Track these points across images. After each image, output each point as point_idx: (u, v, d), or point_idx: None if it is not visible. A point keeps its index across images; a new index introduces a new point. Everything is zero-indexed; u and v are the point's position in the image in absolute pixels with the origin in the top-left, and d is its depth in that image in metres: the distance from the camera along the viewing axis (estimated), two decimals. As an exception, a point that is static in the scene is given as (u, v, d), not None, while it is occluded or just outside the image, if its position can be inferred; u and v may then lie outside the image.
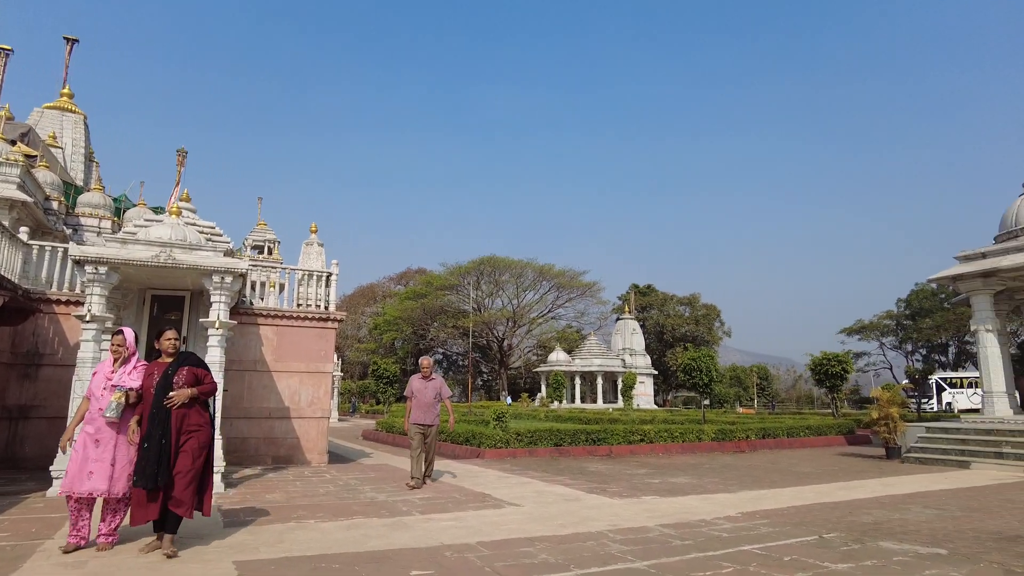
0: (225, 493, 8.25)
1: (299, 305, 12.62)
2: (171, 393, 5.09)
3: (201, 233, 10.54)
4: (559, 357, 46.19)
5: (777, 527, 6.38)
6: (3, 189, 13.48)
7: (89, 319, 8.54)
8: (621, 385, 39.11)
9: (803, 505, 7.81)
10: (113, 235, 9.64)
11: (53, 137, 20.22)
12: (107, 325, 8.70)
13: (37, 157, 17.73)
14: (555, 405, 38.49)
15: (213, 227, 11.63)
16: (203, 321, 9.37)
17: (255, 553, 5.07)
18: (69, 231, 17.11)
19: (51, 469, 8.00)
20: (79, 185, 20.23)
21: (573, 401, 43.88)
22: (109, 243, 9.27)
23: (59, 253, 11.01)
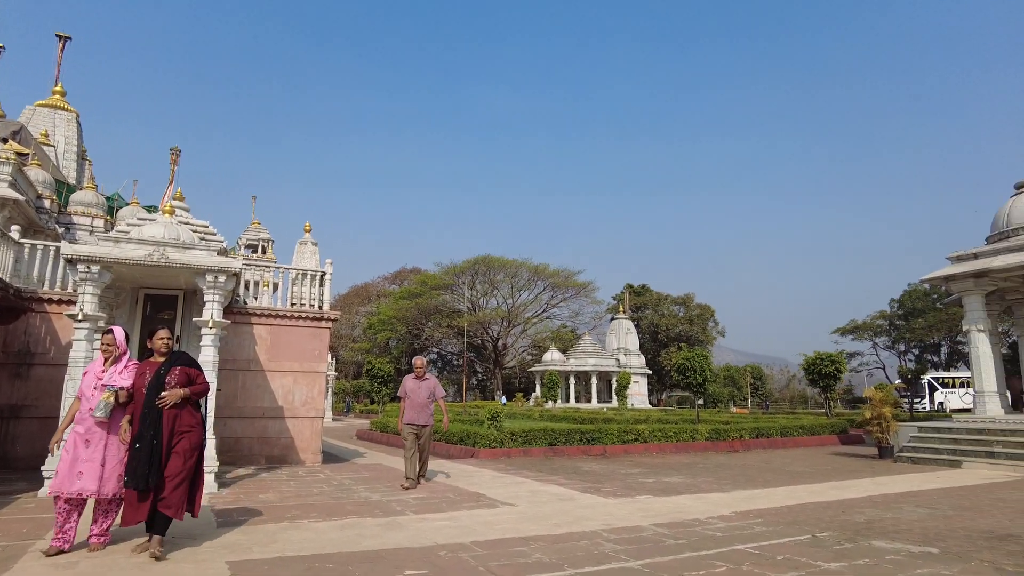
0: (218, 493, 8.23)
1: (293, 304, 12.58)
2: (163, 393, 5.05)
3: (195, 232, 10.50)
4: (554, 357, 46.21)
5: (770, 526, 6.41)
6: (-6, 187, 13.41)
7: (81, 318, 8.50)
8: (616, 385, 39.16)
9: (796, 504, 7.85)
10: (106, 234, 9.60)
11: (45, 135, 20.11)
12: (99, 324, 8.65)
13: (29, 155, 17.64)
14: (550, 405, 38.52)
15: (207, 226, 11.60)
16: (196, 320, 9.33)
17: (248, 553, 5.06)
18: (61, 230, 17.03)
19: (43, 469, 7.96)
20: (71, 183, 20.13)
21: (568, 401, 43.91)
22: (102, 242, 9.23)
23: (51, 252, 10.94)
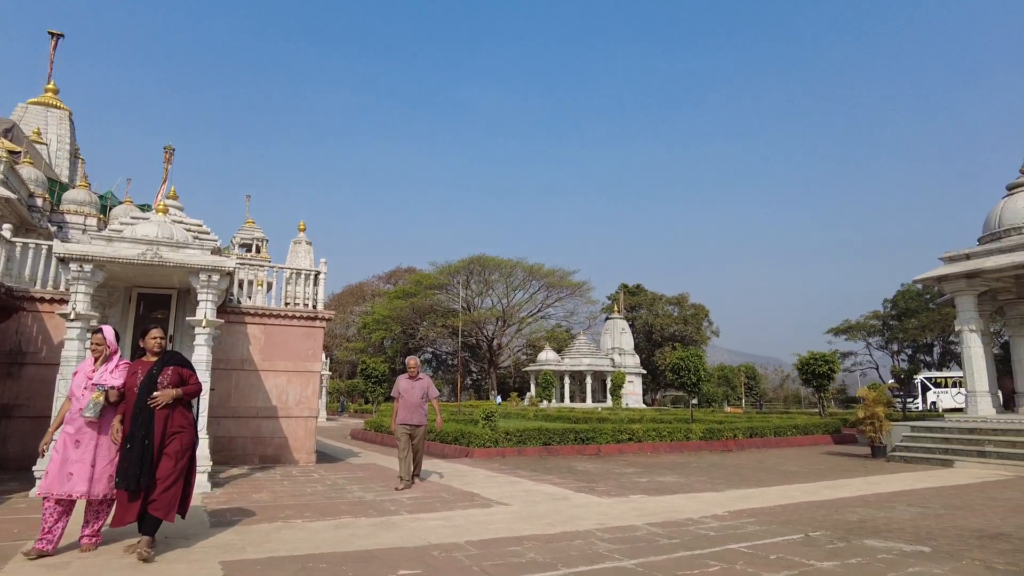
0: (212, 493, 8.20)
1: (287, 304, 12.55)
2: (155, 393, 5.01)
3: (188, 231, 10.47)
4: (548, 356, 46.23)
5: (764, 525, 6.43)
6: (-14, 185, 13.31)
7: (73, 317, 8.46)
8: (610, 384, 39.21)
9: (789, 504, 7.88)
10: (99, 233, 9.55)
11: (37, 133, 19.97)
12: (92, 323, 8.61)
13: (21, 153, 17.51)
14: (544, 404, 38.53)
15: (200, 225, 11.55)
16: (190, 320, 9.30)
17: (242, 553, 5.04)
18: (54, 228, 16.92)
19: (34, 470, 7.91)
20: (64, 182, 20.01)
21: (562, 400, 43.93)
22: (94, 241, 9.18)
23: (43, 250, 10.88)
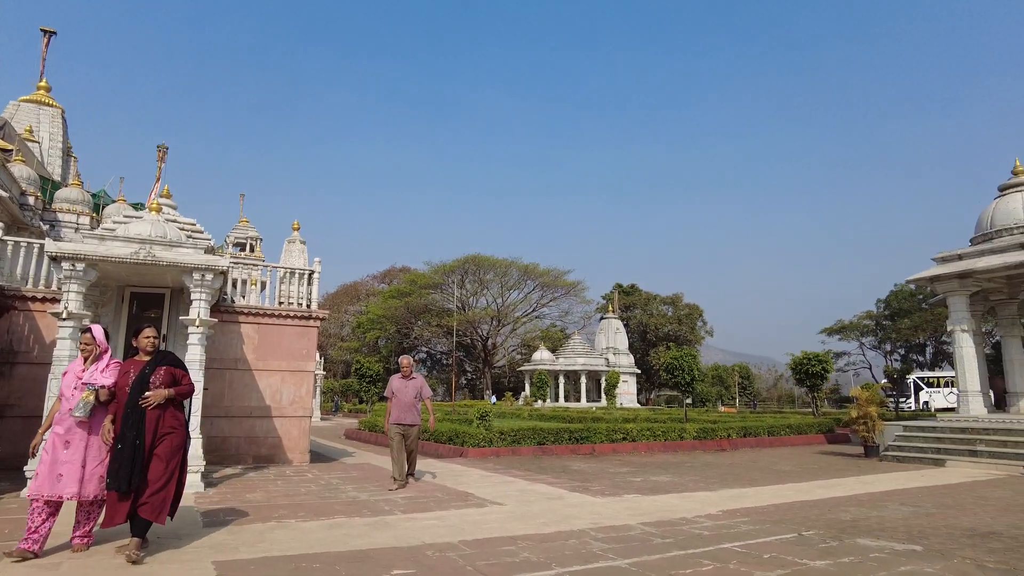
0: (205, 493, 8.17)
1: (281, 303, 12.51)
2: (147, 393, 4.96)
3: (182, 230, 10.42)
4: (543, 356, 46.25)
5: (757, 525, 6.45)
6: (-23, 184, 13.24)
7: (65, 316, 8.41)
8: (604, 384, 39.27)
9: (783, 503, 7.91)
10: (91, 231, 9.50)
11: (30, 131, 19.86)
12: (84, 323, 8.56)
13: (13, 151, 17.41)
14: (539, 404, 38.54)
15: (194, 224, 11.51)
16: (183, 319, 9.26)
17: (235, 553, 5.03)
18: (46, 227, 16.82)
19: (25, 470, 7.86)
20: (56, 180, 19.91)
21: (557, 400, 43.98)
22: (87, 239, 9.14)
23: (35, 249, 10.81)
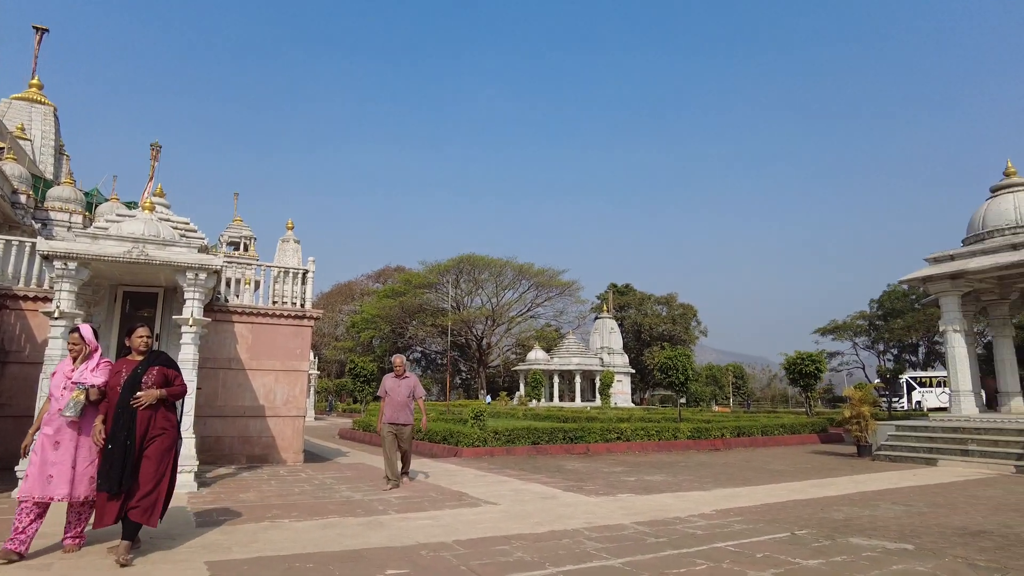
0: (198, 492, 8.14)
1: (275, 303, 12.48)
2: (138, 393, 4.90)
3: (175, 229, 10.37)
4: (538, 356, 46.26)
5: (750, 524, 6.47)
6: (-32, 182, 13.14)
7: (57, 316, 8.36)
8: (599, 384, 39.30)
9: (776, 503, 7.94)
10: (84, 230, 9.45)
11: (21, 129, 19.71)
12: (76, 322, 8.51)
13: (4, 149, 17.28)
14: (534, 403, 38.57)
15: (187, 223, 11.45)
16: (176, 318, 9.22)
17: (228, 553, 5.01)
18: (38, 225, 16.71)
19: (16, 470, 7.82)
20: (48, 178, 19.77)
21: (552, 399, 43.99)
22: (79, 238, 9.09)
23: (27, 248, 10.73)
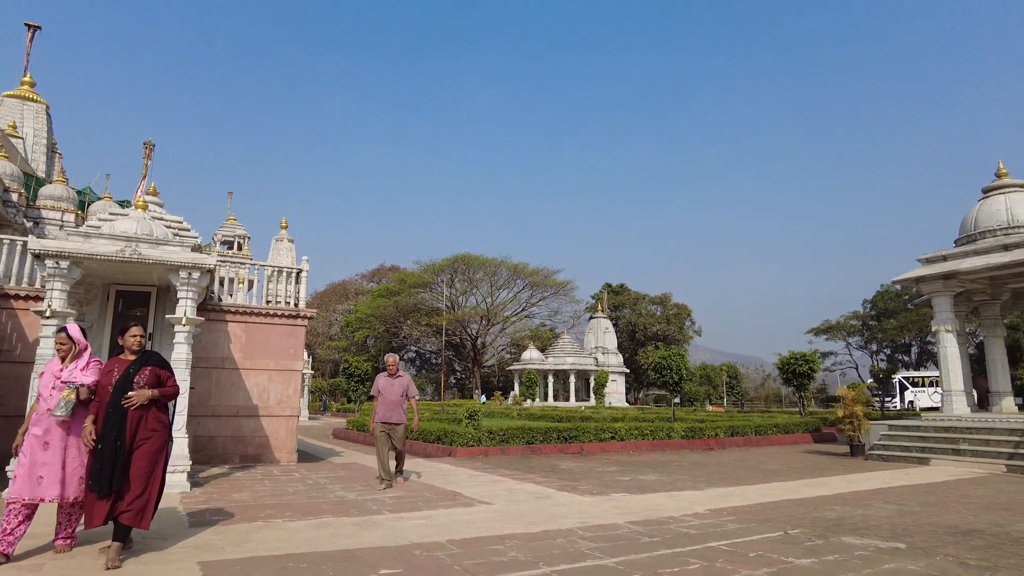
0: (191, 492, 8.11)
1: (268, 302, 12.44)
2: (130, 393, 4.84)
3: (168, 228, 10.33)
4: (532, 355, 46.30)
5: (744, 523, 6.49)
6: (-41, 180, 13.05)
7: (49, 315, 8.31)
8: (593, 383, 39.35)
9: (769, 502, 7.96)
10: (76, 229, 9.40)
11: (13, 127, 19.61)
12: (68, 321, 8.47)
13: (-4, 147, 17.18)
14: (528, 403, 38.57)
15: (180, 222, 11.40)
16: (170, 317, 9.18)
17: (221, 553, 4.99)
18: (30, 224, 16.63)
19: (7, 470, 7.76)
20: (41, 177, 19.67)
21: (546, 399, 44.04)
22: (71, 237, 9.04)
23: (18, 246, 10.68)
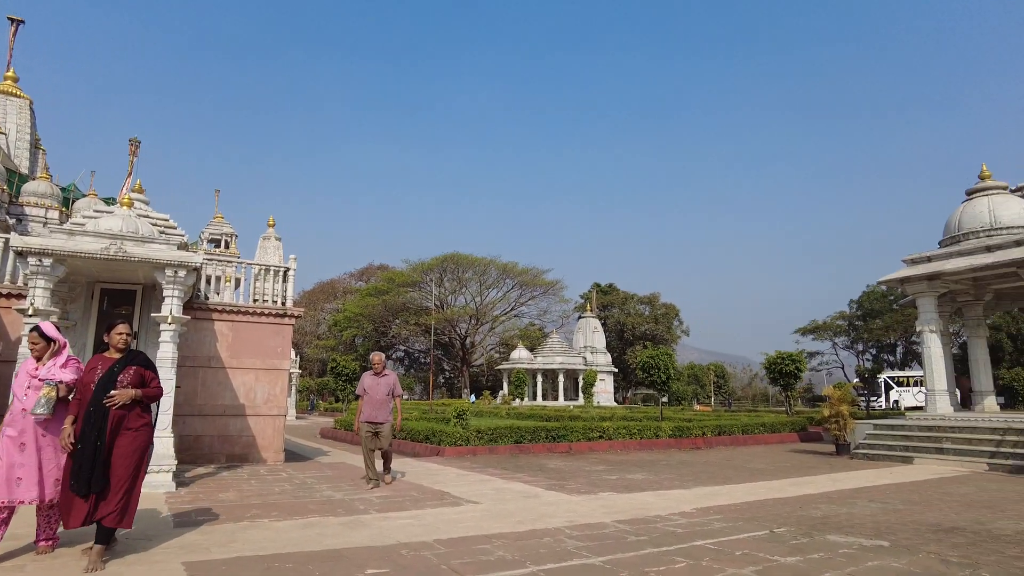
0: (177, 492, 8.04)
1: (256, 300, 12.36)
2: (112, 392, 4.74)
3: (154, 225, 10.24)
4: (521, 355, 46.32)
5: (730, 522, 6.53)
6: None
7: (32, 313, 8.20)
8: (582, 383, 39.47)
9: (756, 501, 8.02)
10: (60, 226, 9.28)
11: (-4, 122, 19.35)
12: (52, 319, 8.37)
13: (-22, 143, 16.96)
14: (517, 402, 38.59)
15: (167, 219, 11.30)
16: (155, 316, 9.10)
17: (206, 553, 4.96)
18: (13, 221, 16.43)
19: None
20: (24, 173, 19.43)
21: (535, 398, 44.08)
22: (55, 234, 8.93)
23: (0, 243, 10.54)
